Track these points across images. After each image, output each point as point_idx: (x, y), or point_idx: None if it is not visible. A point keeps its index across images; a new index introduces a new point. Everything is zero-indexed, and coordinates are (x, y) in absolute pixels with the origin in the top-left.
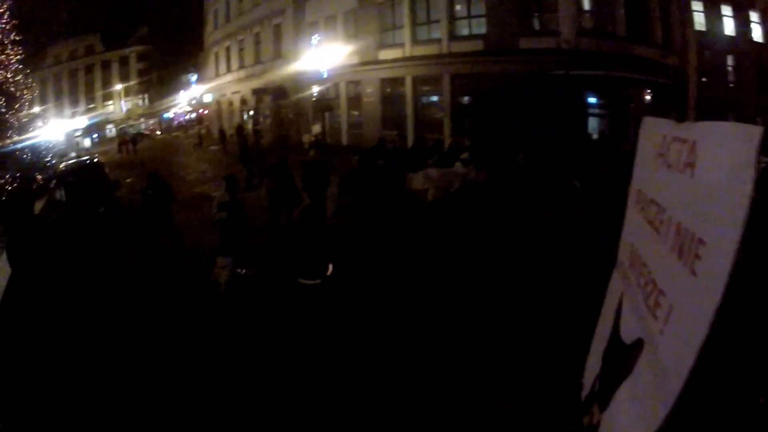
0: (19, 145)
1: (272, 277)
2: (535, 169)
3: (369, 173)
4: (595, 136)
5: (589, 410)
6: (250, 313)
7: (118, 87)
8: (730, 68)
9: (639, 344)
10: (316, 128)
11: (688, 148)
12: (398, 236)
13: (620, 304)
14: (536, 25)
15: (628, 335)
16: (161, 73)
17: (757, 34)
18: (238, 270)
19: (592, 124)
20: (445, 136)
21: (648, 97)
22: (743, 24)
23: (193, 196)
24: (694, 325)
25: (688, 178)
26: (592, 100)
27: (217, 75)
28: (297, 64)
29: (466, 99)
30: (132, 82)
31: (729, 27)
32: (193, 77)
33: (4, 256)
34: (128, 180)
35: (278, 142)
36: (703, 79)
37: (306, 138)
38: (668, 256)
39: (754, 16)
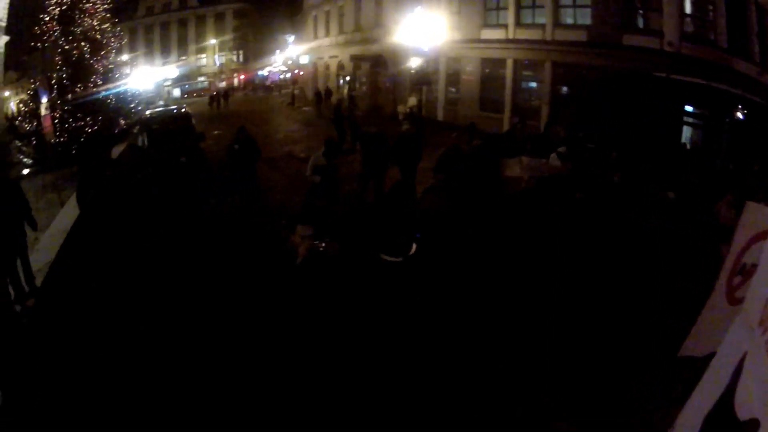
0: (103, 90)
1: (352, 253)
2: (628, 173)
3: (468, 154)
4: (688, 147)
5: None
6: (323, 287)
7: (213, 41)
8: None
9: (754, 425)
10: (412, 101)
11: None
12: (487, 223)
13: (740, 365)
14: (640, 22)
15: (743, 409)
16: (257, 31)
17: None
18: (319, 244)
19: (687, 133)
20: (542, 125)
21: (740, 115)
22: None
23: (281, 155)
24: None
25: None
26: (688, 108)
27: (315, 38)
28: (397, 35)
29: (565, 89)
30: (227, 38)
31: None
32: (290, 38)
33: (74, 197)
34: (216, 132)
35: (372, 111)
36: None
37: (401, 109)
38: None
39: None
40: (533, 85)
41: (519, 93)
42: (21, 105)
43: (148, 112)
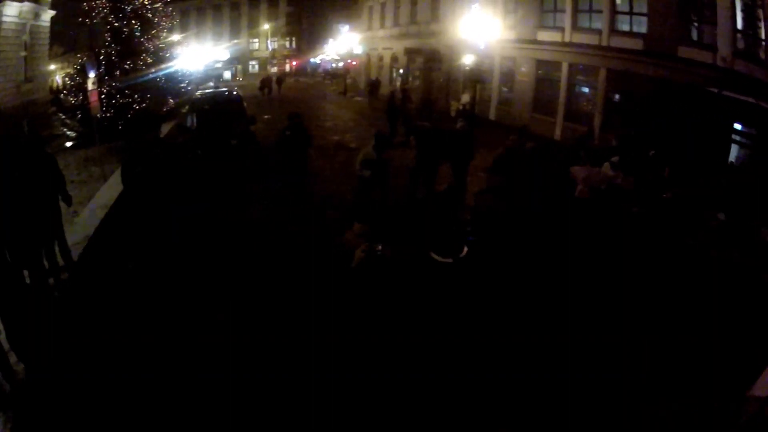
0: (152, 69)
1: (406, 252)
2: (680, 190)
3: (523, 157)
4: (737, 165)
5: None
6: (377, 289)
7: (266, 26)
8: None
9: None
10: (465, 97)
11: None
12: (542, 228)
13: None
14: (694, 35)
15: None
16: (310, 19)
17: None
18: (376, 247)
19: (735, 152)
20: (594, 131)
21: None
22: None
23: (331, 143)
24: None
25: None
26: (738, 126)
27: (370, 28)
28: (453, 31)
29: (617, 97)
30: (279, 23)
31: None
32: (344, 27)
33: (118, 173)
34: (266, 117)
35: (425, 106)
36: None
37: (454, 105)
38: None
39: None
40: (586, 90)
41: (572, 97)
42: (67, 79)
43: (198, 92)
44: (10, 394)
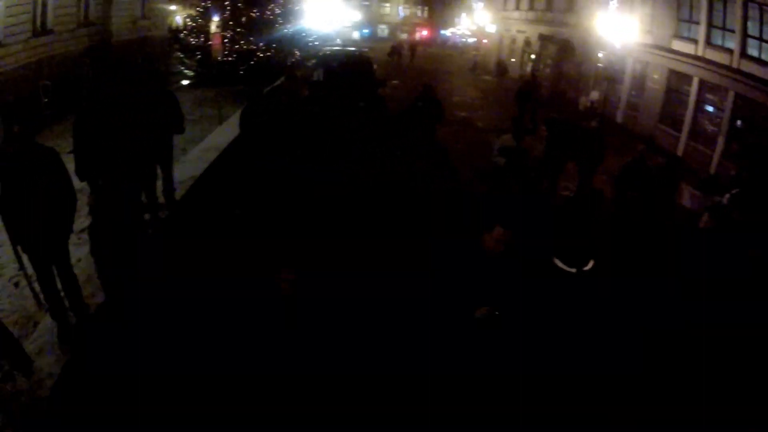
0: (280, 21)
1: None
2: None
3: (654, 173)
4: None
5: None
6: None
7: None
8: None
9: None
10: (595, 95)
11: None
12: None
13: None
14: None
15: None
16: None
17: None
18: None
19: None
20: (715, 155)
21: None
22: None
23: (457, 119)
24: None
25: None
26: None
27: (504, 8)
28: (587, 24)
29: (739, 123)
30: None
31: None
32: (478, 4)
33: (235, 116)
34: (394, 82)
35: (553, 95)
36: None
37: (583, 101)
38: None
39: None
40: (713, 110)
41: (699, 116)
42: (188, 20)
43: (327, 48)
44: (73, 328)
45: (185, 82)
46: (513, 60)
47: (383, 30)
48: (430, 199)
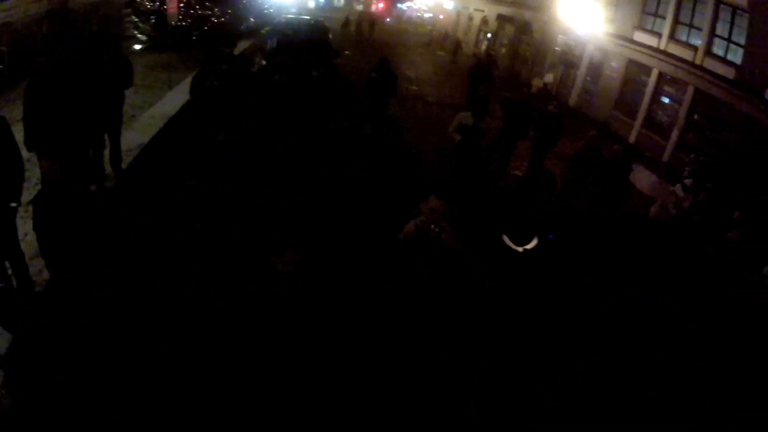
0: None
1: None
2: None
3: (609, 159)
4: None
5: None
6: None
7: None
8: None
9: None
10: (549, 77)
11: None
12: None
13: None
14: None
15: None
16: None
17: None
18: (433, 229)
19: None
20: (668, 145)
21: None
22: None
23: (409, 94)
24: None
25: None
26: None
27: None
28: (549, 7)
29: (697, 117)
30: None
31: None
32: None
33: (185, 82)
34: (346, 53)
35: (507, 76)
36: None
37: (536, 82)
38: None
39: None
40: (671, 103)
41: (655, 106)
42: None
43: (282, 16)
44: (21, 306)
45: (138, 47)
46: (468, 38)
47: (339, 0)
48: (380, 169)
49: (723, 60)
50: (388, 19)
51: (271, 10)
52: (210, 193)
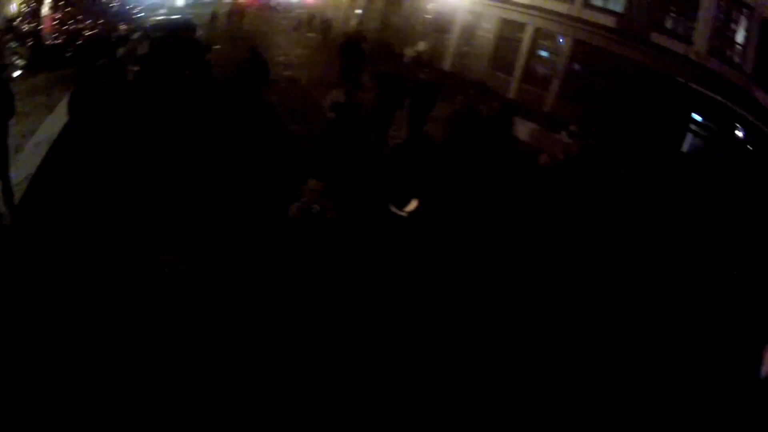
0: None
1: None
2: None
3: (487, 118)
4: (695, 160)
5: None
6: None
7: None
8: None
9: None
10: (422, 45)
11: None
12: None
13: None
14: (669, 23)
15: None
16: None
17: None
18: (314, 207)
19: (694, 144)
20: (549, 97)
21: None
22: None
23: (283, 79)
24: None
25: None
26: (699, 119)
27: None
28: None
29: (579, 68)
30: None
31: None
32: None
33: (65, 102)
34: (216, 47)
35: (381, 49)
36: None
37: (408, 52)
38: None
39: None
40: (549, 56)
41: (534, 61)
42: (23, 4)
43: (150, 19)
44: None
45: (17, 74)
46: (338, 16)
47: None
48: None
49: (603, 10)
50: (256, 8)
51: (141, 15)
52: (102, 207)
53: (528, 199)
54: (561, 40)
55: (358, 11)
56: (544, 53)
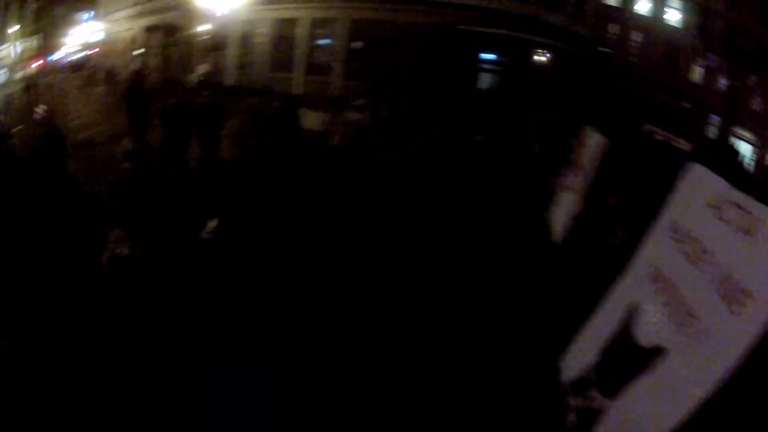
0: None
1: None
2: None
3: (270, 117)
4: (489, 94)
5: (584, 394)
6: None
7: (16, 28)
8: (637, 44)
9: (658, 351)
10: (203, 68)
11: (751, 220)
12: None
13: (632, 311)
14: None
15: (646, 340)
16: (56, 12)
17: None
18: (118, 250)
19: (488, 80)
20: (337, 81)
21: (549, 62)
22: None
23: (80, 141)
24: (728, 352)
25: (744, 240)
26: (491, 57)
27: (110, 12)
28: (189, 2)
29: (360, 44)
30: (28, 23)
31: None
32: (87, 15)
33: None
34: (18, 128)
35: (166, 84)
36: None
37: (191, 78)
38: (707, 291)
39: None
40: (328, 42)
41: (313, 51)
42: None
43: None
44: None
45: None
46: (123, 63)
47: (4, 73)
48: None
49: None
50: (48, 73)
51: None
52: None
53: (331, 189)
54: (336, 24)
55: (138, 52)
56: (321, 41)
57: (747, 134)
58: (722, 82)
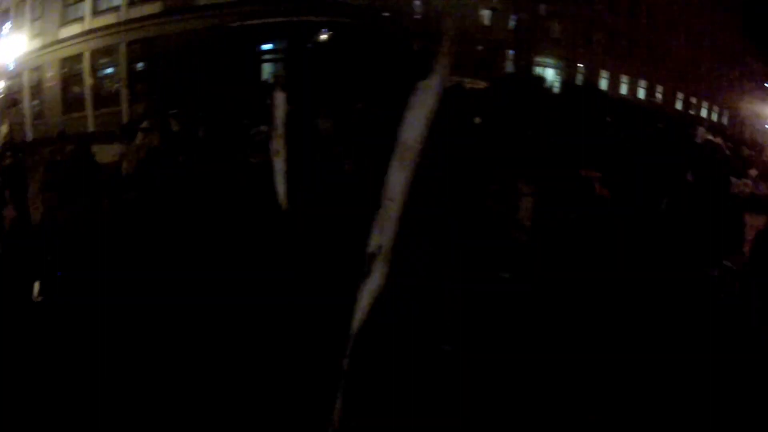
0: None
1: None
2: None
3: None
4: (271, 81)
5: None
6: None
7: None
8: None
9: None
10: (3, 129)
11: None
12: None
13: None
14: None
15: None
16: None
17: None
18: None
19: (270, 69)
20: (126, 108)
21: (326, 37)
22: None
23: None
24: None
25: None
26: (269, 46)
27: None
28: None
29: (140, 65)
30: None
31: None
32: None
33: None
34: None
35: None
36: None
37: None
38: None
39: None
40: (111, 70)
41: (101, 83)
42: None
43: None
44: None
45: None
46: None
47: None
48: None
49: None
50: None
51: None
52: None
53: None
54: (116, 51)
55: None
56: (107, 71)
57: (551, 61)
58: (513, 18)
